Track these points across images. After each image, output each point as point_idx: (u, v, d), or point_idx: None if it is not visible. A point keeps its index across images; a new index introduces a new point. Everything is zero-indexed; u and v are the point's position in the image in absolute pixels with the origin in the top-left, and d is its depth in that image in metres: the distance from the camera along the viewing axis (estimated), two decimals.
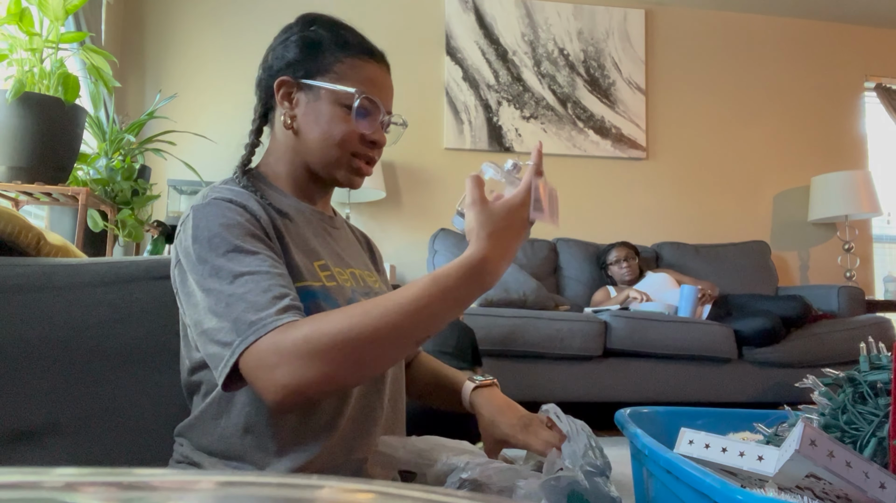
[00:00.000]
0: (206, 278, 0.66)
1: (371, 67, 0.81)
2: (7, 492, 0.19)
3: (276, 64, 0.82)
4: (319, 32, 0.82)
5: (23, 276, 0.86)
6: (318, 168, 0.82)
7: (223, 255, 0.66)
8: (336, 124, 0.78)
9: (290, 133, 0.81)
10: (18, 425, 0.83)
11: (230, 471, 0.69)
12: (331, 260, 0.80)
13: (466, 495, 0.24)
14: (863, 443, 0.55)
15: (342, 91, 0.78)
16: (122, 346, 0.87)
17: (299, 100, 0.80)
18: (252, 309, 0.62)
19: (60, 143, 1.76)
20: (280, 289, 0.65)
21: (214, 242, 0.67)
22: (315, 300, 0.72)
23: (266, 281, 0.65)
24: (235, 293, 0.64)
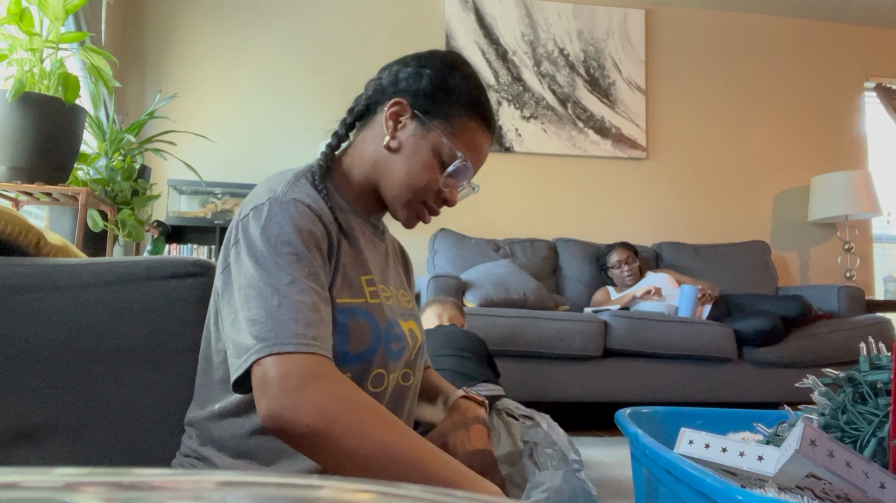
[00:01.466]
0: (262, 272, 0.65)
1: (482, 136, 0.83)
2: (7, 492, 0.19)
3: (403, 83, 0.82)
4: (456, 80, 0.82)
5: (23, 276, 0.86)
6: (388, 197, 0.82)
7: (286, 256, 0.66)
8: (426, 171, 0.80)
9: (381, 150, 0.81)
10: (18, 425, 0.83)
11: (234, 470, 0.70)
12: (378, 276, 0.81)
13: (467, 495, 0.24)
14: (863, 443, 0.55)
15: (448, 146, 0.79)
16: (122, 346, 0.87)
17: (406, 127, 0.81)
18: (300, 321, 0.61)
19: (60, 143, 1.76)
20: (326, 316, 0.65)
21: (282, 240, 0.67)
22: (355, 317, 0.72)
23: (317, 301, 0.65)
24: (289, 295, 0.63)
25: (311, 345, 0.60)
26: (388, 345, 0.75)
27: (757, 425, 0.70)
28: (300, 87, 3.51)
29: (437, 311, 2.12)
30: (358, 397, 0.59)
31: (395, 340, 0.77)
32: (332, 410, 0.57)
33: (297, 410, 0.57)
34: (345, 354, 0.71)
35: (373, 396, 0.74)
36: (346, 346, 0.71)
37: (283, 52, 3.52)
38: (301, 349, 0.60)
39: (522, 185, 3.70)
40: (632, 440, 0.64)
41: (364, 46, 3.53)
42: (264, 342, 0.60)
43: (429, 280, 2.71)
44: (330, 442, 0.57)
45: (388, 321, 0.77)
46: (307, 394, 0.57)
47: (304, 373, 0.59)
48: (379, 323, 0.75)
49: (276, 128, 3.46)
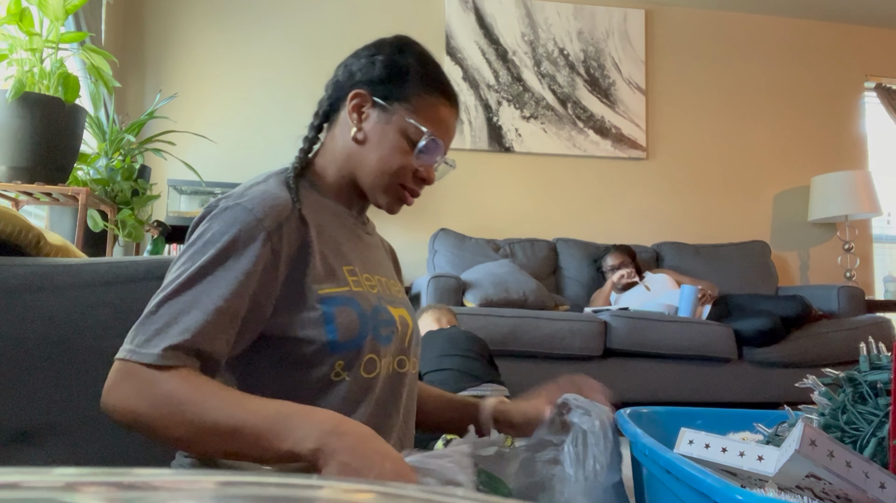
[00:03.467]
0: (185, 269, 0.68)
1: (445, 109, 0.84)
2: (7, 492, 0.19)
3: (358, 74, 0.84)
4: (409, 61, 0.83)
5: (23, 276, 0.86)
6: (366, 186, 0.84)
7: (198, 264, 0.68)
8: (396, 154, 0.81)
9: (351, 143, 0.83)
10: (18, 425, 0.83)
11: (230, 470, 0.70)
12: (359, 265, 0.82)
13: (466, 495, 0.24)
14: (863, 443, 0.55)
15: (414, 125, 0.81)
16: None
17: (370, 116, 0.82)
18: (164, 331, 0.64)
19: (60, 143, 1.76)
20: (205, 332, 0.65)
21: (205, 249, 0.69)
22: (341, 305, 0.74)
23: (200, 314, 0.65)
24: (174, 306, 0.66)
25: (163, 359, 0.63)
26: (376, 331, 0.76)
27: (757, 425, 0.70)
28: (300, 86, 3.51)
29: (436, 316, 2.14)
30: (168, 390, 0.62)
31: (383, 325, 0.78)
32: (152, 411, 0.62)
33: (123, 413, 0.63)
34: (334, 343, 0.72)
35: (366, 382, 0.75)
36: (335, 335, 0.72)
37: (283, 51, 3.52)
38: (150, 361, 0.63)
39: (522, 185, 3.70)
40: (631, 440, 0.64)
41: None
42: (132, 344, 0.65)
43: (429, 280, 2.71)
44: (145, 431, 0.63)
45: (374, 307, 0.78)
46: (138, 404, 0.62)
47: (141, 385, 0.63)
48: (365, 309, 0.76)
49: (276, 128, 3.46)
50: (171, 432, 0.62)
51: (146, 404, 0.62)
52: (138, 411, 0.62)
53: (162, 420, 0.62)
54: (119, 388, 0.63)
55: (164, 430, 0.62)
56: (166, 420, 0.61)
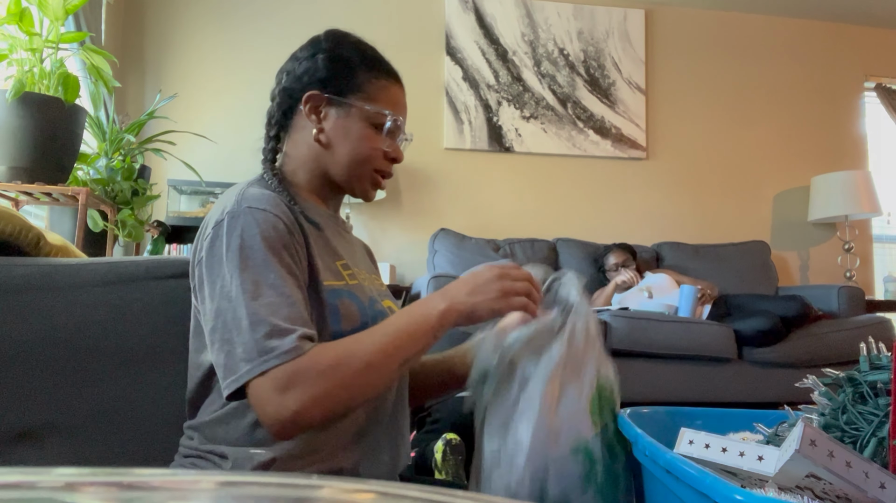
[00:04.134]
0: (231, 287, 0.68)
1: (395, 89, 0.87)
2: (7, 492, 0.19)
3: (305, 77, 0.85)
4: (350, 51, 0.86)
5: (23, 276, 0.86)
6: (341, 180, 0.86)
7: (252, 268, 0.69)
8: (364, 142, 0.84)
9: (315, 145, 0.85)
10: (18, 425, 0.83)
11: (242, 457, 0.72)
12: (350, 260, 0.85)
13: (466, 495, 0.24)
14: (863, 443, 0.55)
15: (375, 111, 0.83)
16: (122, 346, 0.87)
17: (328, 114, 0.84)
18: (273, 334, 0.65)
19: (60, 143, 1.76)
20: (299, 316, 0.68)
21: (246, 253, 0.70)
22: (342, 298, 0.76)
23: (286, 307, 0.68)
24: (258, 314, 0.66)
25: (279, 356, 0.65)
26: (374, 321, 0.78)
27: (757, 425, 0.70)
28: None
29: None
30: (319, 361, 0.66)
31: (380, 315, 0.80)
32: (314, 395, 0.65)
33: (293, 416, 0.64)
34: (339, 333, 0.74)
35: None
36: (339, 326, 0.75)
37: (283, 51, 3.49)
38: (271, 364, 0.64)
39: (522, 185, 3.70)
40: (632, 440, 0.64)
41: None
42: (245, 364, 0.65)
43: (429, 280, 2.71)
44: (333, 408, 0.66)
45: (370, 298, 0.81)
46: (290, 400, 0.64)
47: (290, 380, 0.64)
48: (362, 300, 0.79)
49: None
50: (355, 390, 0.67)
51: (323, 385, 0.65)
52: (323, 395, 0.64)
53: (345, 387, 0.66)
54: (288, 394, 0.64)
55: (351, 392, 0.67)
56: (347, 383, 0.66)
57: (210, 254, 0.72)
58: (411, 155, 3.56)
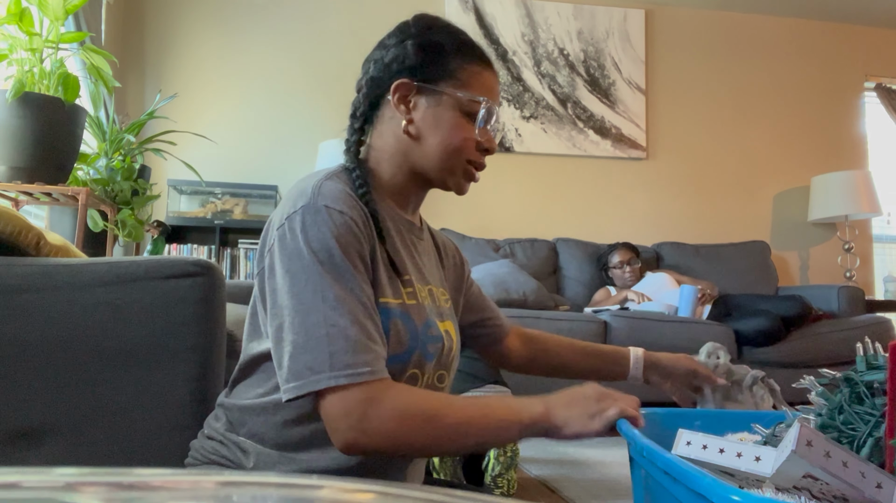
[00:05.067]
0: (305, 288, 0.66)
1: (488, 75, 0.82)
2: (7, 492, 0.19)
3: (394, 65, 0.80)
4: (441, 36, 0.81)
5: (23, 276, 0.86)
6: (432, 173, 0.80)
7: (329, 273, 0.66)
8: (457, 131, 0.78)
9: (404, 137, 0.79)
10: (18, 425, 0.83)
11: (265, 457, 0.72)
12: (414, 275, 0.80)
13: (467, 495, 0.24)
14: (860, 443, 0.55)
15: (468, 98, 0.78)
16: (122, 346, 0.87)
17: (418, 104, 0.79)
18: (351, 349, 0.64)
19: (60, 143, 1.76)
20: (374, 331, 0.67)
21: (322, 256, 0.66)
22: (392, 319, 0.72)
23: (363, 318, 0.66)
24: (337, 323, 0.64)
25: (362, 375, 0.63)
26: (424, 347, 0.75)
27: (755, 426, 0.70)
28: (300, 86, 3.51)
29: None
30: (412, 404, 0.66)
31: (431, 342, 0.77)
32: (395, 430, 0.64)
33: (367, 439, 0.64)
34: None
35: None
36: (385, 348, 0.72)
37: (283, 51, 3.52)
38: (354, 380, 0.63)
39: (522, 185, 3.70)
40: (629, 441, 0.64)
41: (364, 46, 3.50)
42: (319, 375, 0.63)
43: None
44: (403, 448, 0.66)
45: (425, 322, 0.76)
46: (371, 424, 0.64)
47: (361, 404, 0.64)
48: (416, 324, 0.75)
49: (276, 128, 3.46)
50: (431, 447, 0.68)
51: (406, 429, 0.65)
52: (402, 439, 0.65)
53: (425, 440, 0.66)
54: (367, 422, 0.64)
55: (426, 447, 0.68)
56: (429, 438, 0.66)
57: (282, 246, 0.68)
58: None
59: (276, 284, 0.68)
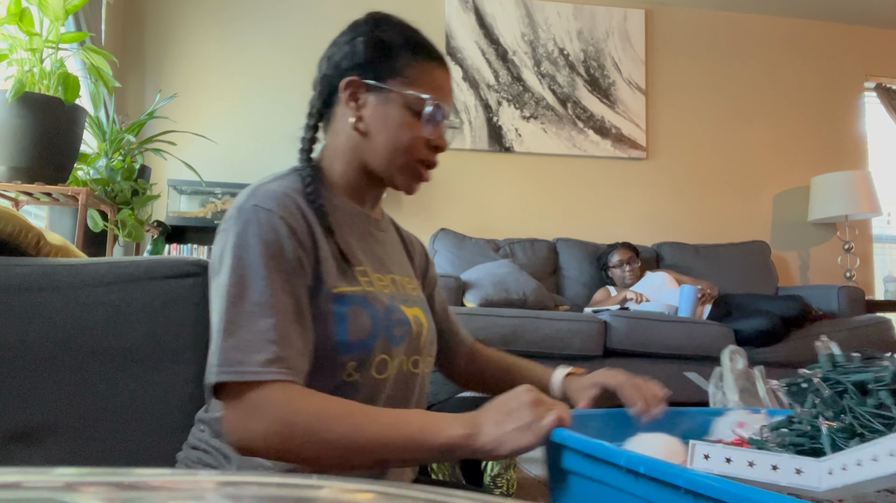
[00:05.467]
0: (230, 287, 0.67)
1: (439, 73, 0.82)
2: (7, 492, 0.19)
3: (343, 63, 0.81)
4: (390, 34, 0.81)
5: (23, 276, 0.86)
6: (380, 171, 0.81)
7: (247, 273, 0.67)
8: (404, 129, 0.78)
9: (354, 134, 0.80)
10: (18, 425, 0.83)
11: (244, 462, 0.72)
12: (371, 265, 0.80)
13: (466, 495, 0.24)
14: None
15: (414, 96, 0.78)
16: (122, 346, 0.87)
17: (367, 101, 0.79)
18: (247, 348, 0.63)
19: (60, 143, 1.76)
20: (289, 330, 0.66)
21: (243, 257, 0.68)
22: (350, 306, 0.73)
23: (274, 316, 0.66)
24: (251, 321, 0.65)
25: (248, 374, 0.63)
26: (389, 331, 0.75)
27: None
28: (300, 86, 3.50)
29: None
30: (300, 411, 0.63)
31: (396, 325, 0.77)
32: (276, 437, 0.62)
33: (250, 444, 0.63)
34: (345, 343, 0.71)
35: (377, 382, 0.75)
36: (345, 336, 0.71)
37: (282, 51, 3.52)
38: (240, 378, 0.62)
39: (522, 185, 3.70)
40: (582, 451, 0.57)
41: None
42: (222, 367, 0.63)
43: None
44: (286, 455, 0.63)
45: (387, 307, 0.77)
46: (253, 428, 0.62)
47: (245, 405, 0.63)
48: (377, 309, 0.75)
49: (276, 127, 3.46)
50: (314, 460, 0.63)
51: (287, 435, 0.62)
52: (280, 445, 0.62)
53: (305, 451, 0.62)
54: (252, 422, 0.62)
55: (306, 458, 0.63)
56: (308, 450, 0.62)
57: (216, 246, 0.71)
58: None
59: (216, 282, 0.70)
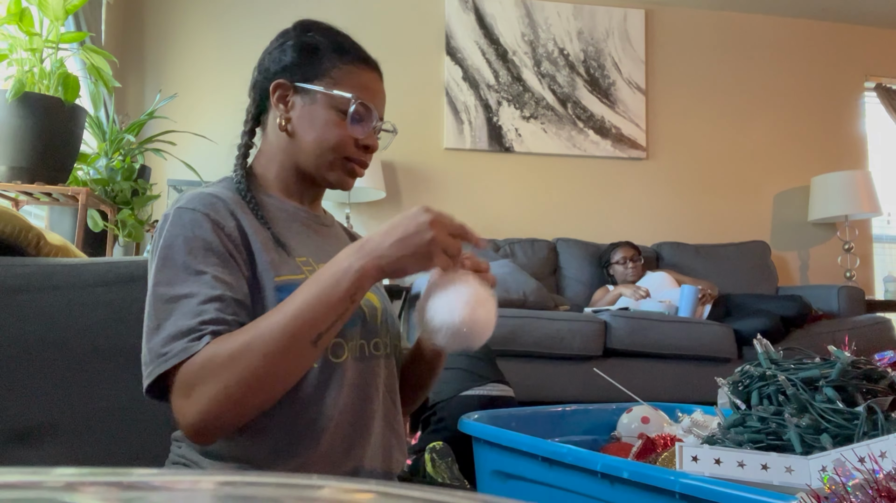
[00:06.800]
0: (154, 286, 0.69)
1: (366, 74, 0.84)
2: (7, 492, 0.19)
3: (272, 67, 0.84)
4: (316, 38, 0.84)
5: (23, 276, 0.86)
6: (311, 170, 0.83)
7: (168, 272, 0.69)
8: (331, 128, 0.81)
9: (283, 135, 0.83)
10: (18, 425, 0.83)
11: (230, 471, 0.70)
12: (314, 256, 0.81)
13: (466, 495, 0.24)
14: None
15: (338, 96, 0.80)
16: (122, 346, 0.87)
17: (294, 103, 0.82)
18: (169, 338, 0.65)
19: (60, 143, 1.76)
20: (211, 311, 0.66)
21: (168, 256, 0.70)
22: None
23: (197, 306, 0.66)
24: (160, 317, 0.67)
25: (186, 351, 0.63)
26: None
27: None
28: None
29: None
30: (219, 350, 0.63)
31: None
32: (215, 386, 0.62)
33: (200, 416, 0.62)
34: None
35: (334, 366, 0.75)
36: None
37: None
38: (176, 360, 0.63)
39: (522, 185, 3.70)
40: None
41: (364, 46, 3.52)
42: (150, 366, 0.65)
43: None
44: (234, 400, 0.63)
45: None
46: (198, 397, 0.62)
47: (185, 384, 0.63)
48: None
49: None
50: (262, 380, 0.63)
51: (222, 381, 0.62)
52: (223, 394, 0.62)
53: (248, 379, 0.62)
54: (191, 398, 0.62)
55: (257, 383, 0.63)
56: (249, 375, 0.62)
57: (152, 249, 0.74)
58: (411, 155, 3.57)
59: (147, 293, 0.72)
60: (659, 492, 0.49)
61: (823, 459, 0.48)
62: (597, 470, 0.49)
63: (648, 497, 0.48)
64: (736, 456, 0.51)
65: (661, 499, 0.48)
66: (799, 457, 0.50)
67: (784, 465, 0.49)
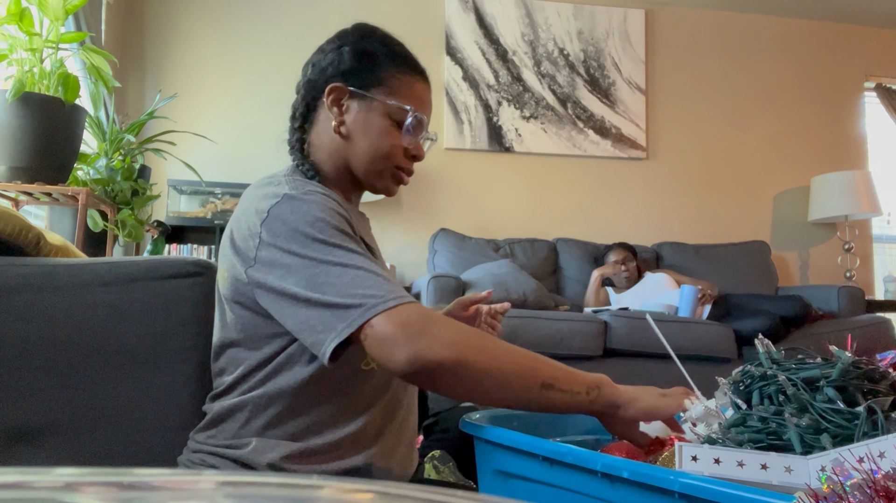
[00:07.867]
0: (321, 253, 0.68)
1: (419, 85, 0.86)
2: (7, 492, 0.19)
3: (329, 69, 0.84)
4: (374, 45, 0.86)
5: (23, 276, 0.86)
6: (360, 174, 0.85)
7: (335, 237, 0.70)
8: (384, 137, 0.83)
9: (336, 137, 0.84)
10: (18, 425, 0.83)
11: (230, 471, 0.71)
12: (379, 256, 0.86)
13: (466, 495, 0.24)
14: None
15: (395, 106, 0.82)
16: (122, 346, 0.87)
17: (350, 107, 0.83)
18: (382, 283, 0.66)
19: (60, 143, 1.76)
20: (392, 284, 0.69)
21: (321, 225, 0.70)
22: None
23: (374, 267, 0.69)
24: (362, 266, 0.67)
25: (405, 297, 0.66)
26: None
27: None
28: None
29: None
30: (466, 327, 0.68)
31: None
32: (459, 340, 0.65)
33: (430, 349, 0.64)
34: None
35: (363, 375, 0.76)
36: None
37: (282, 51, 3.52)
38: (402, 301, 0.66)
39: (522, 185, 3.70)
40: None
41: None
42: (364, 307, 0.65)
43: (429, 280, 2.71)
44: (467, 366, 0.65)
45: None
46: (433, 334, 0.64)
47: (419, 319, 0.65)
48: None
49: (276, 127, 3.45)
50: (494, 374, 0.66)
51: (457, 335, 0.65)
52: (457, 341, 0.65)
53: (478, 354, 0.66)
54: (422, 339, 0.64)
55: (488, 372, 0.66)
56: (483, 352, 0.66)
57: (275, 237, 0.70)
58: None
59: (284, 272, 0.69)
60: (658, 491, 0.49)
61: (823, 459, 0.48)
62: (597, 469, 0.49)
63: (648, 496, 0.49)
64: (735, 455, 0.51)
65: (660, 499, 0.49)
66: (798, 457, 0.50)
67: (783, 465, 0.49)
